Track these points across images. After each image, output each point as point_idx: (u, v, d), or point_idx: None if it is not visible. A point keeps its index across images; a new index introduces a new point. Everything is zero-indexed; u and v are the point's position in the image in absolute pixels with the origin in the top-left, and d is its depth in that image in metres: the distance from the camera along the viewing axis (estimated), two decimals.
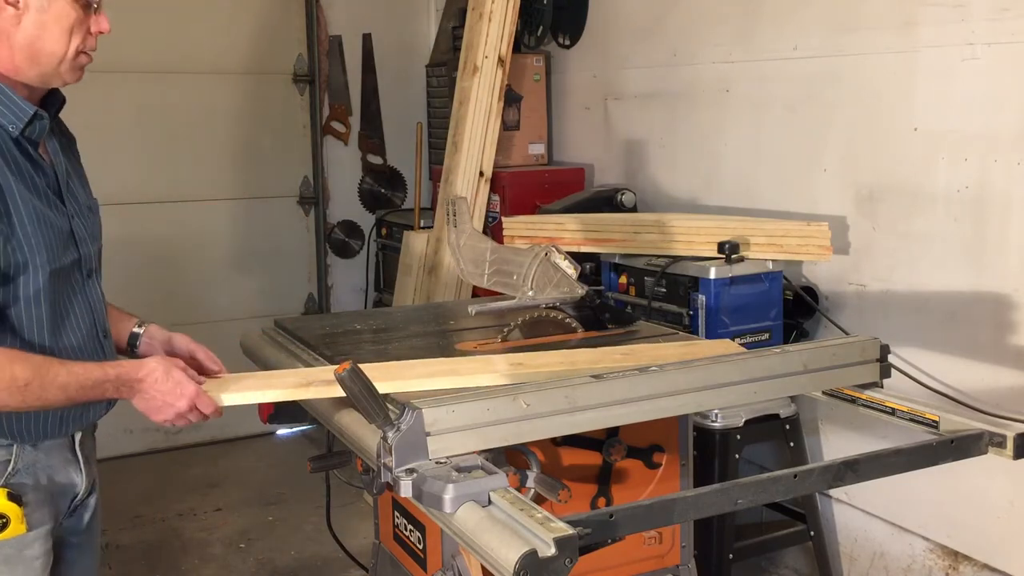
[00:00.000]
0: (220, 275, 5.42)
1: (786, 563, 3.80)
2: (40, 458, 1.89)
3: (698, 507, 1.60)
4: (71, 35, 1.82)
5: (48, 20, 1.80)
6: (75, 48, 1.83)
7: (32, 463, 1.88)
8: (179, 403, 1.84)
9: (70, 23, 1.81)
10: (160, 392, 1.83)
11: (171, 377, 1.84)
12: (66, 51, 1.82)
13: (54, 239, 1.83)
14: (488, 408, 1.69)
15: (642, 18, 4.32)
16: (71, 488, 1.97)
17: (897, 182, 3.26)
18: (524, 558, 1.33)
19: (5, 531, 1.81)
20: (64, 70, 1.85)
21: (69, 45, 1.82)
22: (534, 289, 2.49)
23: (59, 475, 1.94)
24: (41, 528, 1.89)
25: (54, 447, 1.92)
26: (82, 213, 1.95)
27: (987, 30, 2.93)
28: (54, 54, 1.82)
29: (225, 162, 5.40)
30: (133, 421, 1.82)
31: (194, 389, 1.85)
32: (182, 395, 1.84)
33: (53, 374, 1.74)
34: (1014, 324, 2.95)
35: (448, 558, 2.12)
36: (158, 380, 1.83)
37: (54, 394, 1.75)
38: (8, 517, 1.81)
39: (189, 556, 4.10)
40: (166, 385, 1.83)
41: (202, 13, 5.21)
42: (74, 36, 1.83)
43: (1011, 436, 1.82)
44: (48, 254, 1.81)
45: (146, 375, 1.83)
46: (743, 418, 3.30)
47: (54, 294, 1.85)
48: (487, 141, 4.44)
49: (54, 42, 1.81)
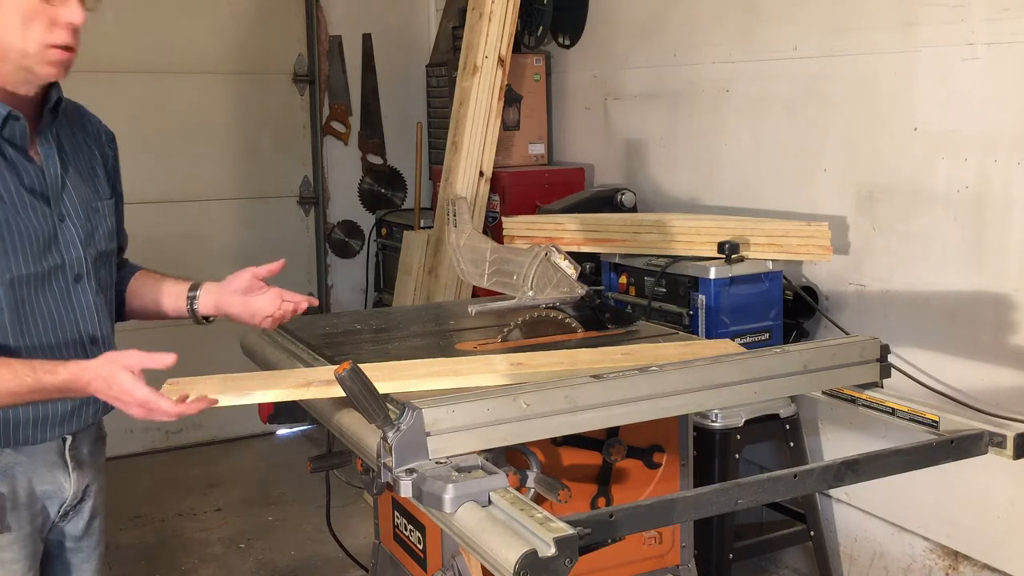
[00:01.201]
0: (220, 275, 5.32)
1: (786, 563, 3.80)
2: (21, 461, 1.84)
3: (698, 507, 1.60)
4: (28, 25, 1.72)
5: (3, 11, 1.71)
6: (37, 40, 1.73)
7: (10, 466, 1.83)
8: (130, 410, 1.71)
9: (21, 12, 1.71)
10: (109, 398, 1.72)
11: (114, 384, 1.69)
12: (24, 42, 1.73)
13: (21, 244, 1.77)
14: (488, 408, 1.69)
15: (642, 18, 4.32)
16: (57, 493, 1.92)
17: (897, 182, 3.26)
18: (524, 558, 1.33)
19: None
20: (34, 64, 1.75)
21: (27, 36, 1.73)
22: (534, 289, 2.49)
23: (43, 480, 1.89)
24: (18, 532, 1.85)
25: (38, 451, 1.87)
26: (76, 216, 1.89)
27: (987, 30, 2.93)
28: (12, 46, 1.73)
29: (225, 162, 5.40)
30: (133, 421, 1.79)
31: (142, 396, 1.68)
32: (130, 403, 1.69)
33: None
34: (1014, 324, 2.95)
35: (448, 558, 2.12)
36: (100, 388, 1.71)
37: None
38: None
39: (189, 556, 4.10)
40: (110, 392, 1.70)
41: (202, 13, 5.22)
42: (33, 26, 1.72)
43: (1011, 436, 1.82)
44: (8, 260, 1.75)
45: (90, 380, 1.71)
46: (743, 418, 3.30)
47: (15, 301, 1.78)
48: (487, 141, 4.44)
49: (10, 33, 1.72)
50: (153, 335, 5.64)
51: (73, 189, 1.92)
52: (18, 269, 1.77)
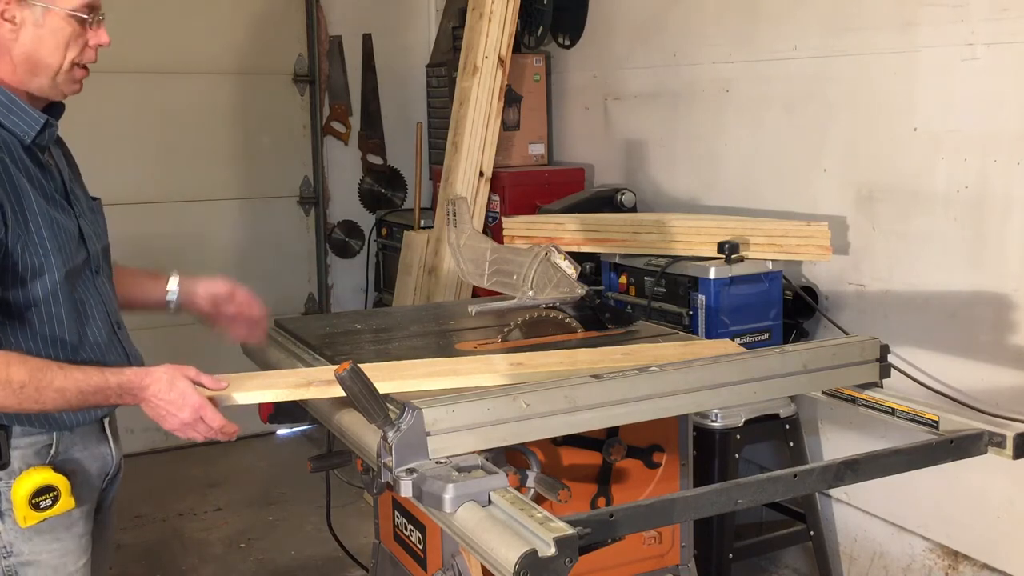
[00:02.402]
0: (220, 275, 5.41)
1: (786, 563, 3.80)
2: (77, 440, 1.95)
3: (698, 507, 1.61)
4: (67, 48, 1.88)
5: (44, 34, 1.86)
6: (71, 60, 1.89)
7: (71, 445, 1.94)
8: (182, 414, 1.84)
9: (66, 37, 1.88)
10: (163, 402, 1.84)
11: (175, 388, 1.84)
12: (61, 63, 1.88)
13: (66, 241, 1.89)
14: (488, 408, 1.69)
15: (642, 18, 4.32)
16: (105, 466, 2.04)
17: (897, 182, 3.26)
18: (524, 558, 1.33)
19: (57, 504, 1.86)
20: (61, 82, 1.91)
21: (65, 58, 1.88)
22: (534, 289, 2.49)
23: (95, 455, 2.00)
24: (84, 506, 1.96)
25: (88, 430, 1.98)
26: (86, 213, 2.01)
27: (987, 30, 2.93)
28: (50, 66, 1.88)
29: (225, 162, 5.40)
30: (134, 421, 1.83)
31: (197, 401, 1.84)
32: (185, 406, 1.83)
33: (50, 378, 1.77)
34: (1014, 324, 2.95)
35: (448, 558, 2.12)
36: (161, 390, 1.84)
37: (51, 398, 1.77)
38: (58, 489, 1.86)
39: (189, 556, 4.10)
40: (169, 395, 1.83)
41: (202, 13, 5.21)
42: (70, 49, 1.89)
43: (1011, 436, 1.82)
44: (63, 256, 1.87)
45: (150, 383, 1.84)
46: (743, 418, 3.30)
47: (71, 293, 1.90)
48: (487, 141, 4.44)
49: (49, 55, 1.87)
50: (153, 335, 5.65)
51: (78, 189, 2.04)
52: (68, 263, 1.89)
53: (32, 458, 1.88)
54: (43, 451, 1.89)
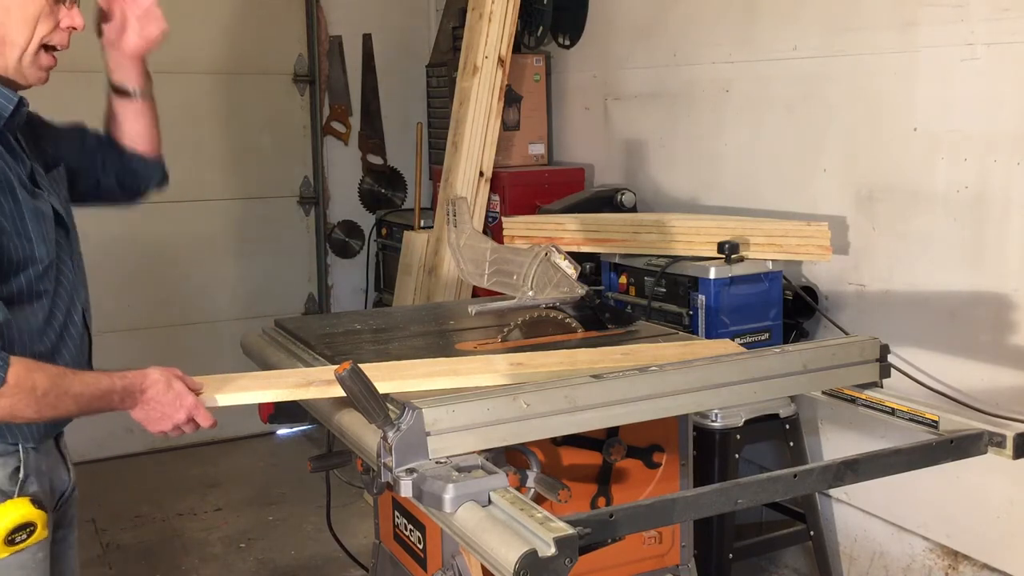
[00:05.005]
0: (220, 275, 5.42)
1: (786, 563, 3.80)
2: (41, 460, 1.90)
3: (698, 507, 1.61)
4: (35, 25, 1.77)
5: (12, 5, 1.75)
6: (39, 39, 1.78)
7: (37, 466, 1.88)
8: (177, 415, 1.83)
9: (36, 11, 1.76)
10: (160, 404, 1.83)
11: (172, 388, 1.84)
12: (29, 41, 1.77)
13: (48, 228, 1.84)
14: (488, 408, 1.69)
15: (642, 18, 4.32)
16: (62, 486, 1.99)
17: (897, 182, 3.26)
18: (524, 558, 1.33)
19: (32, 537, 1.81)
20: (26, 65, 1.80)
21: (33, 35, 1.77)
22: (534, 289, 2.49)
23: (55, 475, 1.96)
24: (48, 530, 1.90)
25: (47, 448, 1.93)
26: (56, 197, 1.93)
27: (987, 30, 2.93)
28: (15, 43, 1.77)
29: (225, 162, 5.40)
30: (134, 421, 1.82)
31: (192, 401, 1.84)
32: (181, 407, 1.83)
33: (67, 384, 1.74)
34: (1014, 324, 2.95)
35: (448, 558, 2.12)
36: (160, 392, 1.83)
37: (67, 404, 1.75)
38: (36, 524, 1.81)
39: (189, 556, 4.10)
40: (167, 396, 1.83)
41: (202, 13, 5.21)
42: (39, 27, 1.77)
43: (1011, 436, 1.82)
44: (47, 245, 1.83)
45: (149, 386, 1.82)
46: (743, 418, 3.30)
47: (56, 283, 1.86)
48: (487, 141, 4.44)
49: (16, 30, 1.76)
50: (153, 335, 5.64)
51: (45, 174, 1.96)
52: (51, 254, 1.84)
53: (5, 483, 1.81)
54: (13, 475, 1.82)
